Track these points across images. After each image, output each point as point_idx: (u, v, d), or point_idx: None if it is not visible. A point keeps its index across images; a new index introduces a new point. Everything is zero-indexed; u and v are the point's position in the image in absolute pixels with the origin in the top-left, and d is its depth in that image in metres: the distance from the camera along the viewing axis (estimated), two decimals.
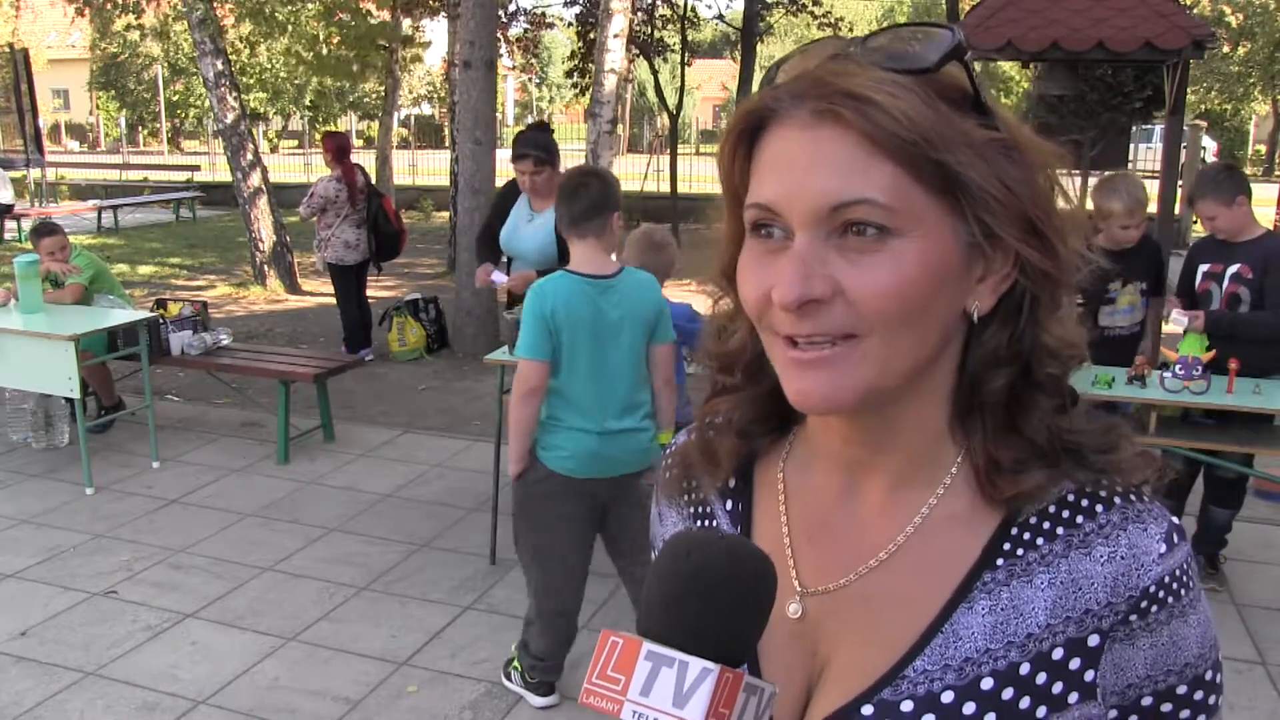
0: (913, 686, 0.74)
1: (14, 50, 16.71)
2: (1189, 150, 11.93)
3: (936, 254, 0.69)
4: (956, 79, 0.71)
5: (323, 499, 5.09)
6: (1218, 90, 26.24)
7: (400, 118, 28.85)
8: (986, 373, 0.74)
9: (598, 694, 0.64)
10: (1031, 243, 0.71)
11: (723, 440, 0.86)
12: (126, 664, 3.57)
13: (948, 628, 0.74)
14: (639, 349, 3.11)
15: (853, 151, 0.67)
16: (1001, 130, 0.71)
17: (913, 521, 0.77)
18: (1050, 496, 0.75)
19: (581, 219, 3.05)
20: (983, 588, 0.74)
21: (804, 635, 0.79)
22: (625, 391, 3.10)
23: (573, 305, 3.00)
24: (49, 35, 33.96)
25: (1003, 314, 0.74)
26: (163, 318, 5.85)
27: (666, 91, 16.99)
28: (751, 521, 0.85)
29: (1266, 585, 4.14)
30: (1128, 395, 3.81)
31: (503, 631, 3.79)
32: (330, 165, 7.61)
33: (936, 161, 0.67)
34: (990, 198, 0.69)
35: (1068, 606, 0.73)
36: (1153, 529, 0.74)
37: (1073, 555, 0.74)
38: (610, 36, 8.56)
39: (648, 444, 3.17)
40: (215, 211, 18.59)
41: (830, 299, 0.68)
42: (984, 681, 0.73)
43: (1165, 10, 6.64)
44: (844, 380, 0.70)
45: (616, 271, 3.10)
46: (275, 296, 10.76)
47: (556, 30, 22.97)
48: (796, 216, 0.69)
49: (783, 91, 0.71)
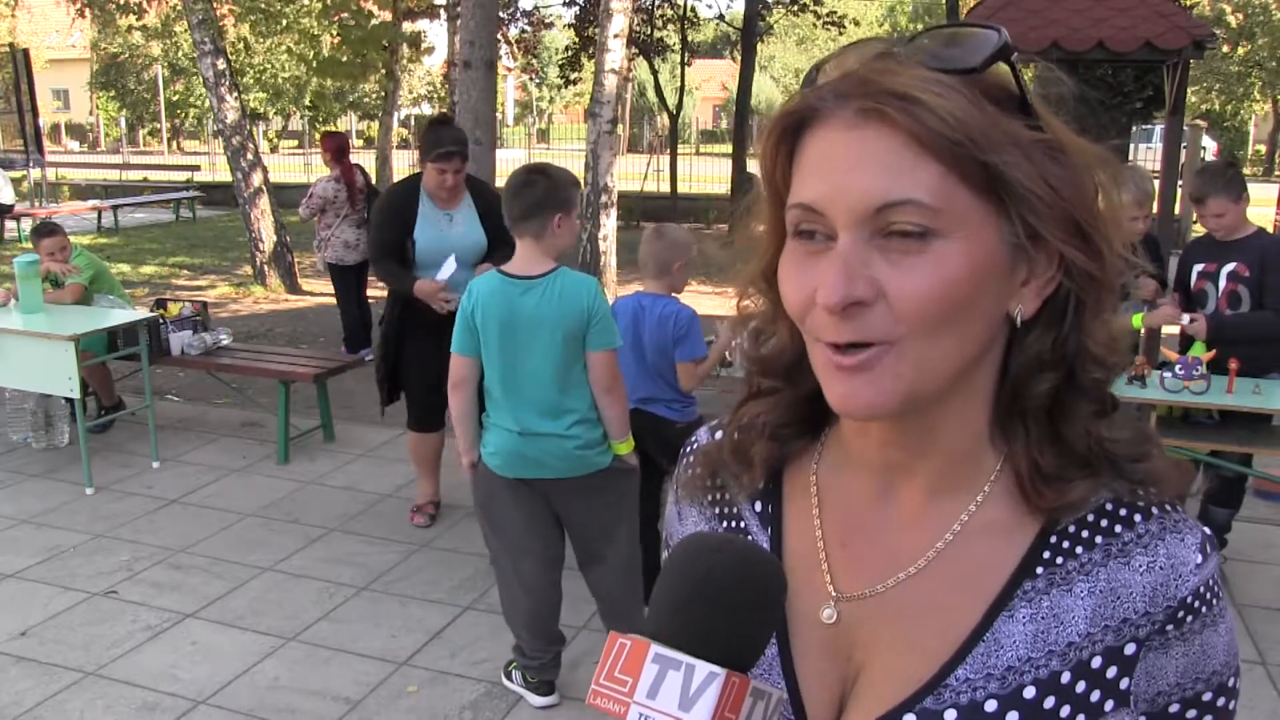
0: (955, 695, 0.73)
1: (14, 50, 16.71)
2: (1189, 150, 11.92)
3: (981, 256, 0.68)
4: (1002, 79, 0.70)
5: (323, 499, 5.09)
6: (1218, 90, 26.25)
7: (400, 118, 28.88)
8: (1030, 377, 0.73)
9: (605, 695, 0.64)
10: (1077, 245, 0.70)
11: (755, 443, 0.84)
12: (126, 664, 3.57)
13: (989, 636, 0.74)
14: (560, 352, 3.02)
15: (899, 151, 0.66)
16: (1047, 132, 0.70)
17: (951, 529, 0.76)
18: (1089, 506, 0.75)
19: (520, 218, 3.05)
20: (1023, 596, 0.74)
21: (838, 640, 0.79)
22: (543, 394, 3.05)
23: (489, 304, 3.03)
24: (49, 35, 33.98)
25: (1046, 318, 0.73)
26: (163, 318, 5.85)
27: (666, 91, 17.00)
28: (782, 524, 0.84)
29: (1266, 585, 4.14)
30: (1128, 395, 3.81)
31: (503, 631, 3.78)
32: (329, 165, 7.61)
33: (982, 162, 0.66)
34: (1036, 198, 0.68)
35: (1106, 615, 0.73)
36: (1189, 539, 0.74)
37: (1112, 564, 0.74)
38: (610, 36, 8.56)
39: (577, 451, 3.09)
40: (215, 211, 18.60)
41: (873, 301, 0.67)
42: (1026, 690, 0.73)
43: (1165, 10, 6.64)
44: (886, 385, 0.69)
45: (546, 272, 3.04)
46: (275, 296, 10.77)
47: (556, 30, 22.99)
48: (840, 217, 0.68)
49: (826, 91, 0.70)
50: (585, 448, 3.11)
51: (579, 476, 3.13)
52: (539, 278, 3.03)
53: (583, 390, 3.10)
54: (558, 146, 30.27)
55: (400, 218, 4.34)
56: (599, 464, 3.15)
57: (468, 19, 7.82)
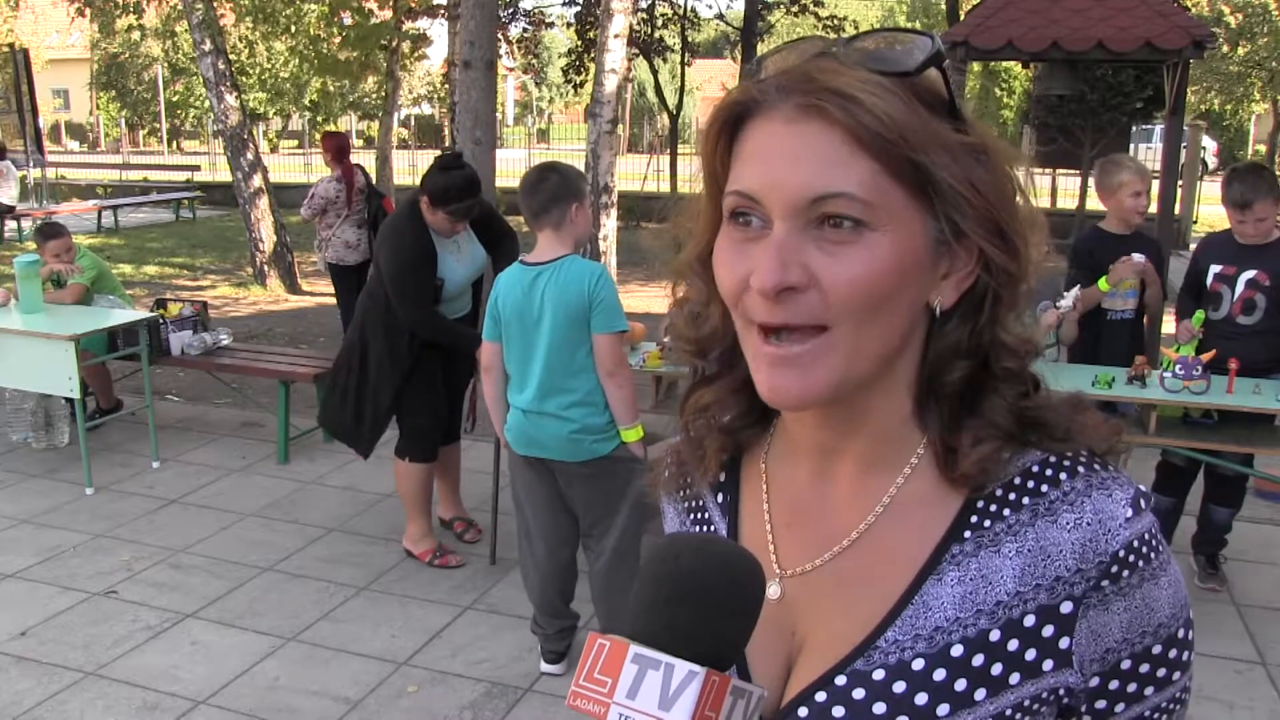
0: (884, 656, 0.76)
1: (14, 50, 16.72)
2: (1189, 150, 11.92)
3: (908, 248, 0.71)
4: (934, 84, 0.73)
5: (323, 499, 5.09)
6: (1218, 90, 26.22)
7: (400, 118, 28.87)
8: (946, 365, 0.77)
9: (584, 696, 0.64)
10: (996, 242, 0.74)
11: (709, 438, 0.89)
12: (126, 664, 3.57)
13: (917, 599, 0.76)
14: (563, 334, 3.15)
15: (835, 146, 0.70)
16: (972, 134, 0.74)
17: (880, 503, 0.80)
18: (1015, 469, 0.77)
19: (541, 210, 3.21)
20: (951, 560, 0.77)
21: (782, 616, 0.82)
22: (545, 374, 3.19)
23: (507, 291, 3.24)
24: (49, 35, 33.96)
25: (964, 309, 0.76)
26: (163, 318, 5.85)
27: (666, 91, 17.00)
28: (739, 513, 0.89)
29: (1266, 585, 4.14)
30: (1128, 395, 3.81)
31: (503, 631, 3.79)
32: (330, 165, 7.61)
33: (914, 161, 0.70)
34: (961, 198, 0.72)
35: (1037, 574, 0.75)
36: (1117, 494, 0.75)
37: (1039, 523, 0.75)
38: (610, 36, 8.56)
39: (573, 435, 3.19)
40: (215, 211, 18.60)
41: (805, 288, 0.70)
42: (954, 649, 0.75)
43: (1165, 10, 6.64)
44: (816, 375, 0.72)
45: (554, 259, 3.18)
46: (276, 296, 10.77)
47: (557, 30, 22.98)
48: (777, 206, 0.71)
49: (769, 85, 0.73)
50: (583, 432, 3.19)
51: (579, 462, 3.23)
52: (549, 263, 3.18)
53: (587, 374, 3.19)
54: (558, 146, 30.23)
55: (431, 266, 4.05)
56: (597, 451, 3.23)
57: (468, 19, 7.81)
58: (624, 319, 3.21)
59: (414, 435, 4.28)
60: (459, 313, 4.28)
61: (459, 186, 3.96)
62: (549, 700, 3.37)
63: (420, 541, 4.36)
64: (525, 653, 3.63)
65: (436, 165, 4.09)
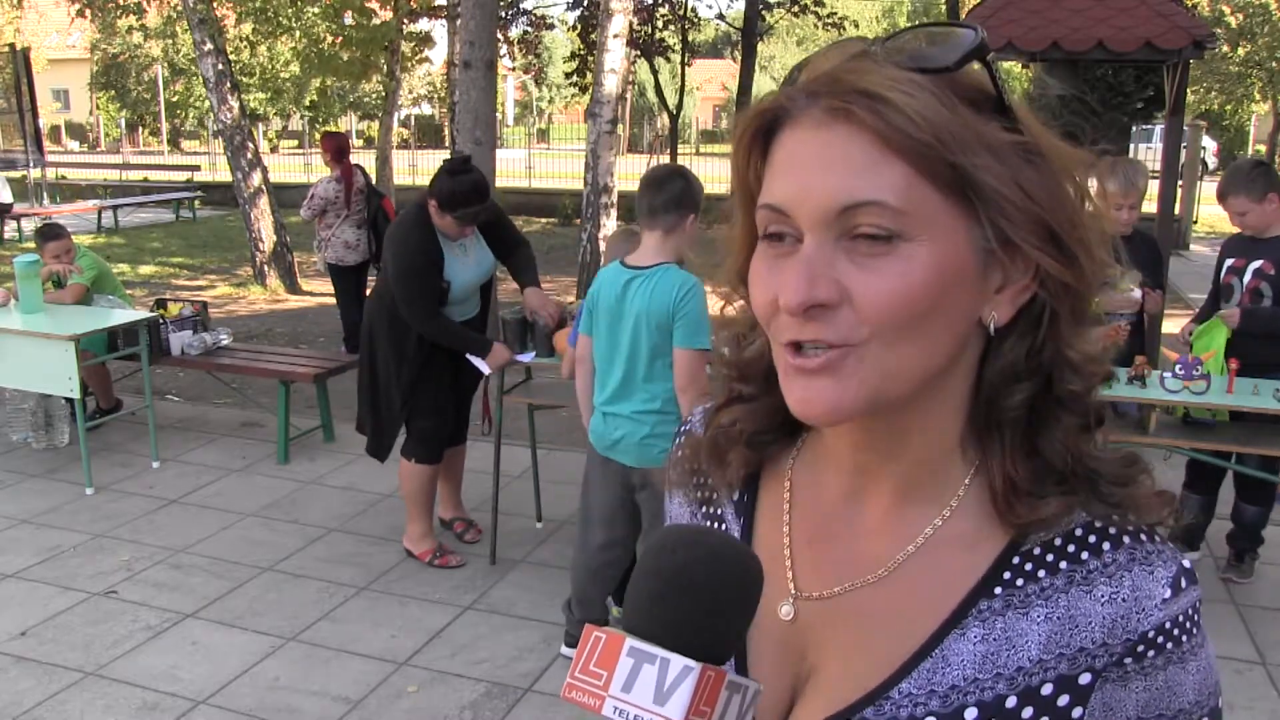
0: (895, 709, 0.73)
1: (14, 50, 16.71)
2: (1189, 150, 11.93)
3: (949, 260, 0.66)
4: (978, 80, 0.68)
5: (323, 499, 5.09)
6: (1218, 90, 26.23)
7: (400, 118, 28.85)
8: (1004, 386, 0.72)
9: (579, 689, 0.63)
10: (1050, 252, 0.68)
11: (733, 448, 0.84)
12: (126, 664, 3.57)
13: (937, 652, 0.73)
14: (645, 342, 3.16)
15: (865, 151, 0.65)
16: (1025, 134, 0.68)
17: (915, 541, 0.75)
18: (1060, 527, 0.73)
19: (660, 210, 3.18)
20: (977, 615, 0.73)
21: (793, 639, 0.78)
22: (623, 377, 3.23)
23: (602, 290, 3.27)
24: (49, 35, 33.95)
25: (1022, 326, 0.71)
26: (163, 318, 5.85)
27: (666, 91, 16.99)
28: (755, 515, 0.85)
29: (1266, 585, 4.14)
30: (1128, 395, 3.81)
31: (503, 631, 3.79)
32: (330, 166, 7.61)
33: (951, 164, 0.65)
34: (1006, 202, 0.66)
35: (1062, 643, 0.71)
36: (1159, 572, 0.71)
37: (1073, 591, 0.72)
38: (610, 36, 8.57)
39: (644, 441, 3.20)
40: (215, 211, 18.60)
41: (837, 304, 0.66)
42: (968, 711, 0.71)
43: (1165, 10, 6.63)
44: (847, 389, 0.68)
45: (650, 265, 3.18)
46: (275, 296, 10.77)
47: (557, 30, 22.97)
48: (805, 218, 0.67)
49: (797, 90, 0.69)
50: (654, 438, 3.20)
51: (646, 469, 3.24)
52: (647, 269, 3.18)
53: (665, 383, 3.20)
54: (558, 146, 30.23)
55: (437, 268, 4.05)
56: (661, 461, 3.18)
57: (468, 19, 7.81)
58: (707, 336, 3.14)
59: (421, 436, 4.28)
60: (466, 315, 4.27)
61: (467, 191, 3.98)
62: (549, 700, 3.37)
63: (420, 542, 4.36)
64: (525, 653, 3.64)
65: (445, 169, 4.09)
